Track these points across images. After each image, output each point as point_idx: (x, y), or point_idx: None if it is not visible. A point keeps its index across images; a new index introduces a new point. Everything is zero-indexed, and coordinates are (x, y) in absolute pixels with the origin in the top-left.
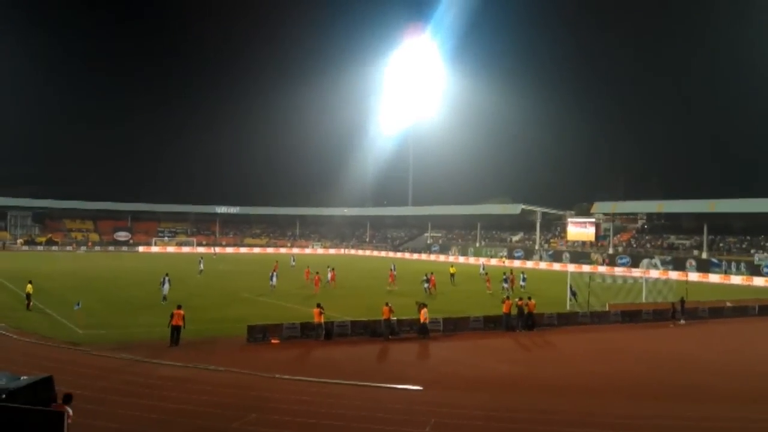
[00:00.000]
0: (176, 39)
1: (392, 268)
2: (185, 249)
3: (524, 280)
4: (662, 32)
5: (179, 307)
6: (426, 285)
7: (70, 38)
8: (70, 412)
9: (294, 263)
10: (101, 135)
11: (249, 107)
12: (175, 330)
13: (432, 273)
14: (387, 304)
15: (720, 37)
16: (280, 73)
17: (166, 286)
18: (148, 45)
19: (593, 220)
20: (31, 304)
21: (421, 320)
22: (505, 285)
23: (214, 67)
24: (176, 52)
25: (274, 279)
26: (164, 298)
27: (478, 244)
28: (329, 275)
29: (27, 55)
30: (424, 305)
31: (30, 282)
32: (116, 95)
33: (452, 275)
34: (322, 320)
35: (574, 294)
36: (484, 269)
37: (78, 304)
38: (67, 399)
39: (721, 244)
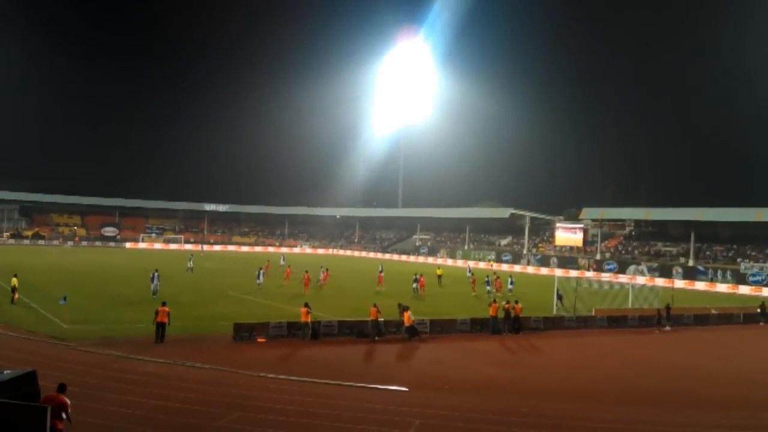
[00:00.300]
0: (169, 36)
1: (380, 269)
2: (173, 246)
3: (512, 283)
4: (653, 40)
5: (164, 304)
6: (415, 285)
7: (61, 33)
8: (68, 401)
9: (284, 263)
10: (91, 130)
11: (241, 106)
12: (160, 327)
13: (421, 274)
14: (375, 305)
15: (712, 47)
16: (273, 73)
17: (156, 282)
18: (140, 42)
19: (581, 225)
20: (17, 297)
21: (406, 323)
22: (488, 287)
23: (205, 64)
24: (168, 50)
25: (261, 277)
26: (154, 293)
27: (466, 247)
28: (321, 275)
29: (16, 50)
30: (407, 308)
31: (15, 275)
32: (107, 91)
33: (439, 277)
34: (309, 320)
35: (560, 298)
36: (470, 272)
37: (64, 300)
38: (62, 388)
39: (707, 252)
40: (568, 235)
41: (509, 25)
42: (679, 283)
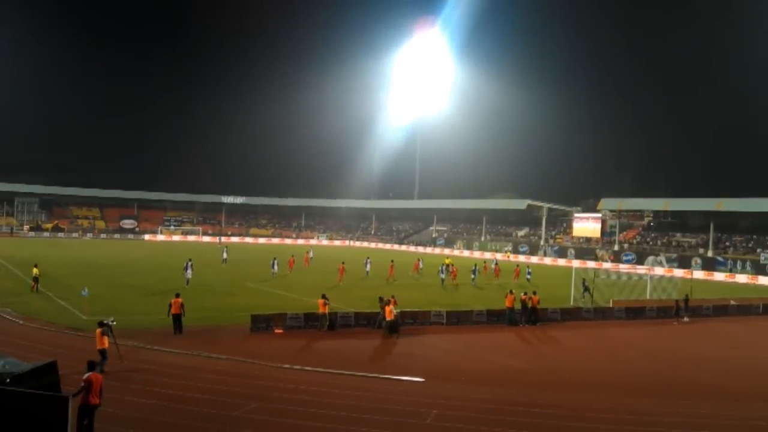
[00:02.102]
0: (186, 28)
1: (419, 261)
2: (191, 238)
3: (529, 273)
4: (671, 29)
5: (177, 296)
6: (443, 276)
7: (80, 26)
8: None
9: (311, 255)
10: (110, 123)
11: (257, 98)
12: (176, 318)
13: (453, 264)
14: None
15: (729, 34)
16: (289, 64)
17: (189, 271)
18: (157, 34)
19: (599, 216)
20: (37, 286)
21: (387, 317)
22: (473, 276)
23: (222, 57)
24: (185, 42)
25: (276, 267)
26: (187, 282)
27: (483, 239)
28: (388, 268)
29: (35, 43)
30: (389, 302)
31: (36, 265)
32: (125, 83)
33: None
34: (326, 311)
35: (587, 289)
36: (495, 262)
37: (84, 291)
38: (92, 366)
39: (727, 243)
40: (585, 226)
41: (525, 15)
42: (698, 274)
